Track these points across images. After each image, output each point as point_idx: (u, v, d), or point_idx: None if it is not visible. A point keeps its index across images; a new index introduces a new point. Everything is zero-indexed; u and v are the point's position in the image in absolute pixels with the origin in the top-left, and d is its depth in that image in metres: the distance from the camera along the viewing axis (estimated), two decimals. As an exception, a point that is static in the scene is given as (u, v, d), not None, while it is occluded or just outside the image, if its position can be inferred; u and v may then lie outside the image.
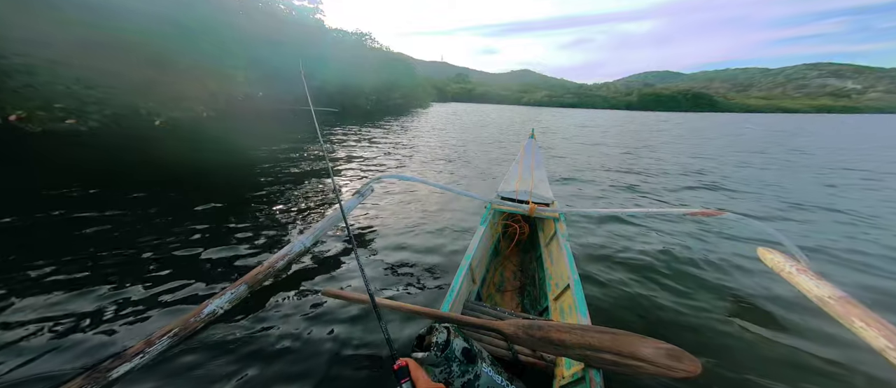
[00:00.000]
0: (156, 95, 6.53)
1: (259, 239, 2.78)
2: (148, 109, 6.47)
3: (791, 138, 16.00)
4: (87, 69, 5.61)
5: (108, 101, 5.89)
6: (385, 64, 24.05)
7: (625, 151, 9.61)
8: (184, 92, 7.05)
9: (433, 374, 1.00)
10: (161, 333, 1.39)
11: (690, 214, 2.37)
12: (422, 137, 11.44)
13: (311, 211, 3.52)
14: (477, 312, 1.69)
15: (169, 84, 6.69)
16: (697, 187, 5.55)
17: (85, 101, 5.56)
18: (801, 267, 1.98)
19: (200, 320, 1.52)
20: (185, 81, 7.06)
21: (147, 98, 6.44)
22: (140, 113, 6.37)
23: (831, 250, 3.03)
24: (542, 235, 2.63)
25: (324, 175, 5.00)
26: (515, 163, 3.77)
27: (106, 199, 3.45)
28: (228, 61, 8.60)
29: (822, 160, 8.99)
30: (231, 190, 4.06)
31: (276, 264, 1.95)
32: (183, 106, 7.10)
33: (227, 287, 1.71)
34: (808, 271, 1.93)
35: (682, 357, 1.09)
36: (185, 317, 1.50)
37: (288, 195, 3.99)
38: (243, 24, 10.31)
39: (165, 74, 6.62)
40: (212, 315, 1.56)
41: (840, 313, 1.60)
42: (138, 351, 1.30)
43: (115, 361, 1.25)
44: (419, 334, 1.07)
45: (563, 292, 1.75)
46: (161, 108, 6.66)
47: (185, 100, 7.10)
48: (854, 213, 4.23)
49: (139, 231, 2.79)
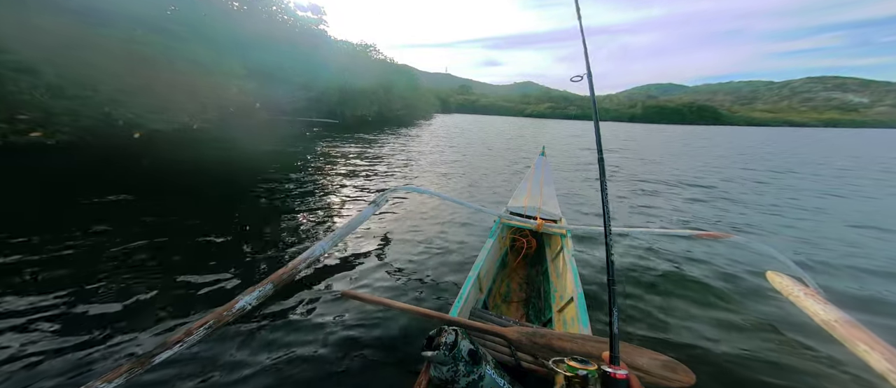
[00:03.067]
0: (135, 104, 6.11)
1: (283, 242, 2.97)
2: (126, 119, 6.04)
3: (826, 154, 15.05)
4: (58, 77, 5.21)
5: (83, 111, 5.48)
6: (388, 75, 23.89)
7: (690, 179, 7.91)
8: (168, 102, 6.63)
9: (440, 372, 1.07)
10: (198, 324, 1.49)
11: (699, 235, 2.41)
12: (419, 160, 10.87)
13: (330, 219, 3.74)
14: (483, 318, 1.72)
15: (151, 93, 6.28)
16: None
17: (55, 111, 5.13)
18: (809, 291, 2.01)
19: (231, 314, 1.62)
20: (171, 90, 6.65)
21: (126, 108, 6.02)
22: (117, 124, 5.94)
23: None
24: (549, 250, 2.69)
25: (334, 188, 5.11)
26: (525, 179, 3.81)
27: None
28: (221, 70, 8.24)
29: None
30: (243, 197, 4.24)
31: (299, 265, 2.09)
32: (167, 117, 6.68)
33: (255, 286, 1.80)
34: (816, 294, 1.97)
35: (677, 369, 1.12)
36: (219, 311, 1.59)
37: (308, 203, 4.21)
38: (239, 32, 10.02)
39: (148, 81, 6.21)
40: (241, 310, 1.67)
41: (845, 337, 1.64)
42: (178, 340, 1.41)
43: (159, 348, 1.36)
44: (429, 334, 1.12)
45: (567, 305, 1.79)
46: (141, 118, 6.23)
47: (169, 110, 6.68)
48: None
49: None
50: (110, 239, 2.78)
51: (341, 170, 6.53)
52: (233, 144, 7.63)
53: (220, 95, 8.06)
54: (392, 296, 2.20)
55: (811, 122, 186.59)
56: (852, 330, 1.62)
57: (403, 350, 1.70)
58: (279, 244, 2.94)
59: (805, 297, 1.96)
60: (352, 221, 2.66)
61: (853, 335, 1.60)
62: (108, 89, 5.69)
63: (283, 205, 4.08)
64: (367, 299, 1.70)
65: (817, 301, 1.89)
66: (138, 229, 3.03)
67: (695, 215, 4.75)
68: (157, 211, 3.47)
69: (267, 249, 2.82)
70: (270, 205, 4.06)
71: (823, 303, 1.86)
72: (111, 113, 5.86)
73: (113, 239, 2.78)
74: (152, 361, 1.31)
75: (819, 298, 1.92)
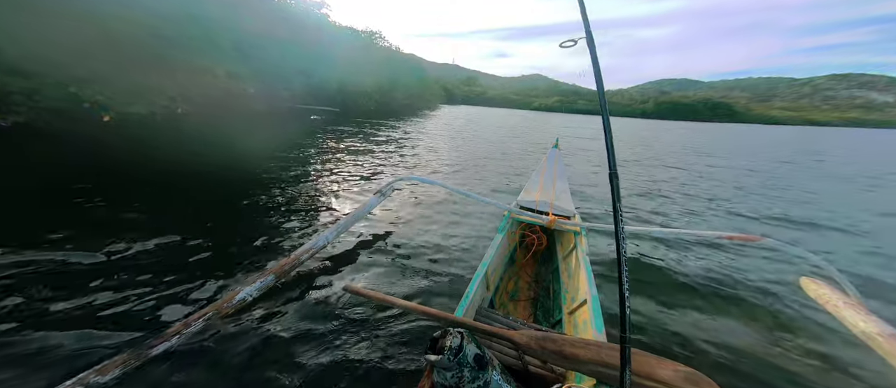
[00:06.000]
0: (106, 87, 5.58)
1: (285, 232, 2.89)
2: (95, 102, 5.53)
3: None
4: (16, 55, 4.68)
5: (44, 91, 4.97)
6: (391, 64, 23.20)
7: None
8: (144, 84, 6.09)
9: (444, 378, 1.03)
10: (197, 316, 1.49)
11: (727, 238, 2.25)
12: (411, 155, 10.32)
13: (332, 208, 3.61)
14: (490, 319, 1.67)
15: (125, 75, 5.75)
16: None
17: (9, 91, 4.62)
18: (849, 300, 1.88)
19: (232, 306, 1.60)
20: (145, 70, 6.10)
21: (95, 90, 5.50)
22: (84, 107, 5.43)
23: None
24: (561, 247, 2.62)
25: (339, 174, 4.97)
26: (537, 172, 3.65)
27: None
28: (206, 53, 7.67)
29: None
30: (240, 189, 3.98)
31: (301, 256, 2.08)
32: (145, 100, 6.16)
33: (256, 277, 1.81)
34: (857, 304, 1.83)
35: (700, 382, 1.04)
36: (219, 303, 1.60)
37: (307, 193, 4.02)
38: (230, 12, 9.39)
39: (117, 58, 5.66)
40: (242, 302, 1.66)
41: (889, 352, 1.51)
42: (177, 332, 1.38)
43: (157, 340, 1.33)
44: (433, 336, 1.08)
45: (579, 307, 1.72)
46: (113, 101, 5.71)
47: (146, 93, 6.15)
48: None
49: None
50: (96, 232, 2.55)
51: (344, 158, 6.36)
52: (223, 130, 7.11)
53: (203, 79, 7.49)
54: (396, 291, 2.16)
55: (834, 121, 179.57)
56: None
57: (406, 351, 1.64)
58: (281, 233, 2.85)
59: (844, 306, 1.82)
60: (357, 211, 2.62)
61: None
62: (71, 66, 5.16)
63: (285, 194, 3.89)
64: (370, 296, 1.63)
65: (858, 311, 1.74)
66: (126, 219, 2.83)
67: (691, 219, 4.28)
68: (140, 202, 3.21)
69: (268, 237, 2.73)
70: (271, 194, 3.84)
71: (865, 314, 1.71)
72: (78, 93, 5.34)
73: (98, 232, 2.56)
74: (149, 353, 1.26)
75: (860, 308, 1.78)
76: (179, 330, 1.38)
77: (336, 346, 1.64)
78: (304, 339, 1.67)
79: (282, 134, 8.30)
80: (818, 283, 2.10)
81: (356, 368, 1.53)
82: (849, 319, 1.77)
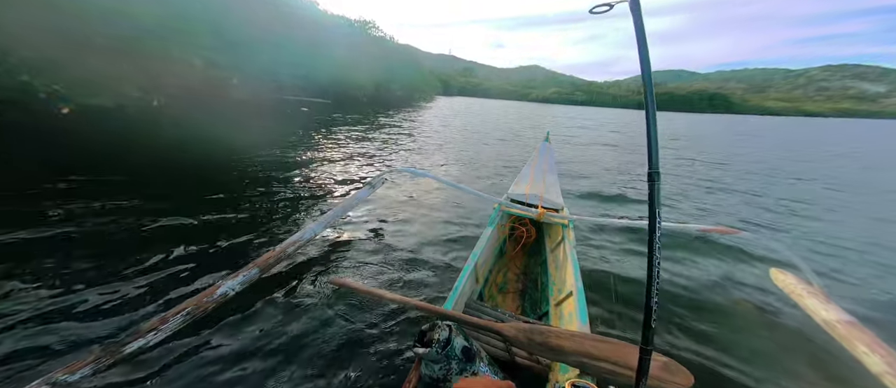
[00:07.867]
0: (65, 76, 5.05)
1: (270, 224, 2.79)
2: (53, 92, 5.01)
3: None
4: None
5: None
6: (386, 54, 22.46)
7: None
8: (107, 74, 5.55)
9: (433, 370, 1.04)
10: (175, 312, 1.38)
11: (706, 230, 2.30)
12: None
13: (320, 200, 3.51)
14: (478, 312, 1.67)
15: (84, 63, 5.20)
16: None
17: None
18: (813, 290, 1.97)
19: (213, 300, 1.51)
20: (111, 61, 5.56)
21: (52, 79, 4.97)
22: (40, 97, 4.91)
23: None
24: (549, 240, 2.63)
25: (327, 167, 4.86)
26: (528, 165, 3.62)
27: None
28: (180, 40, 7.09)
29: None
30: (237, 178, 3.91)
31: (287, 248, 1.99)
32: (110, 91, 5.63)
33: (239, 270, 1.70)
34: (820, 293, 1.93)
35: (676, 371, 1.08)
36: (199, 297, 1.49)
37: (294, 185, 3.89)
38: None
39: (74, 44, 5.11)
40: (224, 297, 1.56)
41: (844, 337, 1.61)
42: (152, 328, 1.29)
43: (131, 337, 1.24)
44: (421, 329, 1.08)
45: (565, 299, 1.73)
46: (73, 92, 5.19)
47: (109, 84, 5.61)
48: None
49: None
50: (66, 226, 2.42)
51: (333, 150, 6.23)
52: (202, 123, 6.62)
53: (177, 69, 6.94)
54: (384, 283, 2.13)
55: (827, 112, 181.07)
56: (853, 331, 1.60)
57: (394, 344, 1.60)
58: (266, 226, 2.75)
59: (808, 295, 1.94)
60: (345, 203, 2.59)
61: (854, 335, 1.58)
62: (18, 51, 4.62)
63: (270, 186, 3.75)
64: (357, 289, 1.61)
65: (820, 300, 1.87)
66: (97, 210, 2.69)
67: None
68: (111, 193, 3.05)
69: (252, 230, 2.63)
70: (255, 186, 3.70)
71: (826, 302, 1.84)
72: (32, 82, 4.81)
73: (71, 226, 2.43)
74: (123, 351, 1.18)
75: (822, 297, 1.90)
76: (155, 326, 1.28)
77: (322, 340, 1.59)
78: (289, 334, 1.61)
79: (267, 126, 7.86)
80: (786, 273, 2.21)
81: (343, 362, 1.48)
82: (811, 307, 1.87)
